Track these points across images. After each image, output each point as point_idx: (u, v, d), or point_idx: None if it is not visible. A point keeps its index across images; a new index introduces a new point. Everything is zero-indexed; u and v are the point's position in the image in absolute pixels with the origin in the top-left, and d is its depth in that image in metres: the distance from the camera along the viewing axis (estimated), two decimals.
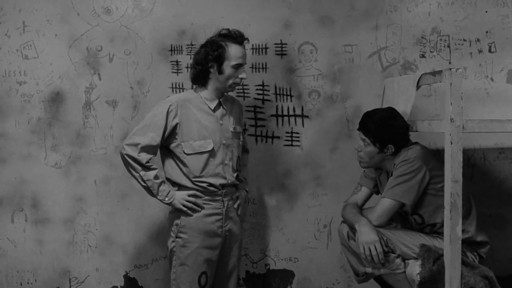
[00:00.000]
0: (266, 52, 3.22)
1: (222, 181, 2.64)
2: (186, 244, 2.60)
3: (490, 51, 3.20)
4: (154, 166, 2.58)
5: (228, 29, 2.62)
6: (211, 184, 2.61)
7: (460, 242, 2.25)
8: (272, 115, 3.24)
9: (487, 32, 3.19)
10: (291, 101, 3.23)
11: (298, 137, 3.24)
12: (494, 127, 2.34)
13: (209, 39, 2.64)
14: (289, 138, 3.25)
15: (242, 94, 3.22)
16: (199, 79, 2.65)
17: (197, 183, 2.60)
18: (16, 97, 3.21)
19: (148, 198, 2.75)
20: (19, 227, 3.25)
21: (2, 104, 3.21)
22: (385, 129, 2.52)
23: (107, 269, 3.27)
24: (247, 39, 2.64)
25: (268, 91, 3.23)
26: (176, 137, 2.59)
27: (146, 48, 3.21)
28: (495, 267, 2.61)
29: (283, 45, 3.22)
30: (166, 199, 2.59)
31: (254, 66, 3.21)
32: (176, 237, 2.62)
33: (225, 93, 2.72)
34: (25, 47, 3.21)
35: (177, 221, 2.62)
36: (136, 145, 2.54)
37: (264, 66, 3.22)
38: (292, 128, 3.24)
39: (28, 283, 3.27)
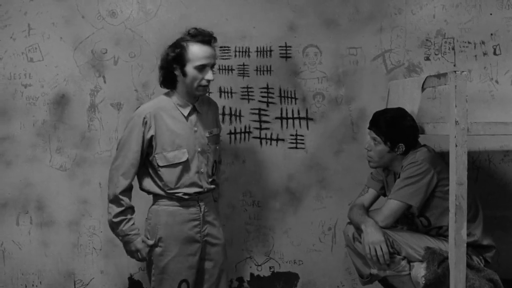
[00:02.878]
0: (270, 54, 3.22)
1: (198, 190, 2.54)
2: (164, 253, 2.52)
3: (495, 53, 3.20)
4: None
5: (195, 28, 2.46)
6: (186, 193, 2.52)
7: (465, 245, 2.24)
8: (276, 118, 3.24)
9: (492, 34, 3.19)
10: (295, 103, 3.23)
11: (303, 139, 3.24)
12: (499, 129, 2.34)
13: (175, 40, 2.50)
14: (294, 141, 3.25)
15: (246, 97, 3.22)
16: (166, 82, 2.52)
17: (171, 194, 2.52)
18: (21, 99, 3.22)
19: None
20: (24, 229, 3.26)
21: (7, 106, 3.22)
22: (396, 128, 2.52)
23: (111, 272, 3.28)
24: (213, 37, 2.46)
25: (273, 93, 3.23)
26: (151, 149, 2.49)
27: (150, 50, 3.21)
28: (500, 270, 2.61)
29: (288, 48, 3.22)
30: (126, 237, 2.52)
31: (258, 69, 3.22)
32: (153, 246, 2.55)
33: (199, 97, 2.56)
34: (30, 49, 3.22)
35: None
36: (120, 193, 2.48)
37: (268, 69, 3.22)
38: (296, 130, 3.24)
39: (33, 285, 3.27)
